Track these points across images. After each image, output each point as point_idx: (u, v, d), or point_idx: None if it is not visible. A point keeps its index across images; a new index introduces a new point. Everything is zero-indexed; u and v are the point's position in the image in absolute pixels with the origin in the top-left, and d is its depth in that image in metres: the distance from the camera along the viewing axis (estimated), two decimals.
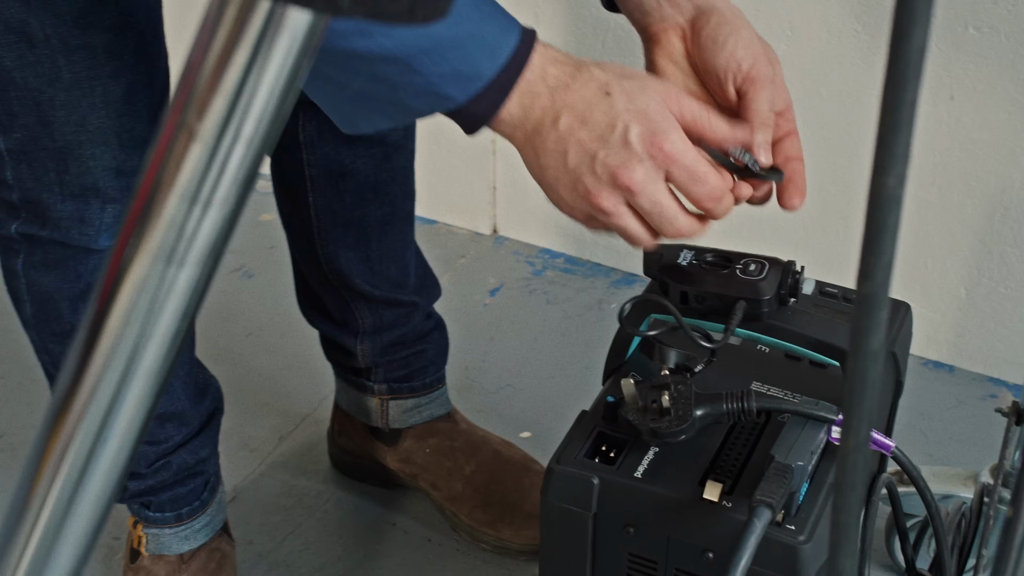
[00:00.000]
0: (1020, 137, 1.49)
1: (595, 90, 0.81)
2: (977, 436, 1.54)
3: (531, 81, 0.80)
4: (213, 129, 0.35)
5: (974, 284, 1.61)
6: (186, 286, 0.38)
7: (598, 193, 0.81)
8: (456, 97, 0.79)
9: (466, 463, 1.40)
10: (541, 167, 0.83)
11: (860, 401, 0.48)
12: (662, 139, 0.80)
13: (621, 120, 0.80)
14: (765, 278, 0.88)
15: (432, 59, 0.76)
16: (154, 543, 1.28)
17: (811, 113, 1.61)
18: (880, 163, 0.43)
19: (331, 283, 1.31)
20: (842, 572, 0.53)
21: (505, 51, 0.79)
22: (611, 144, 0.80)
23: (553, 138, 0.81)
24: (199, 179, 0.36)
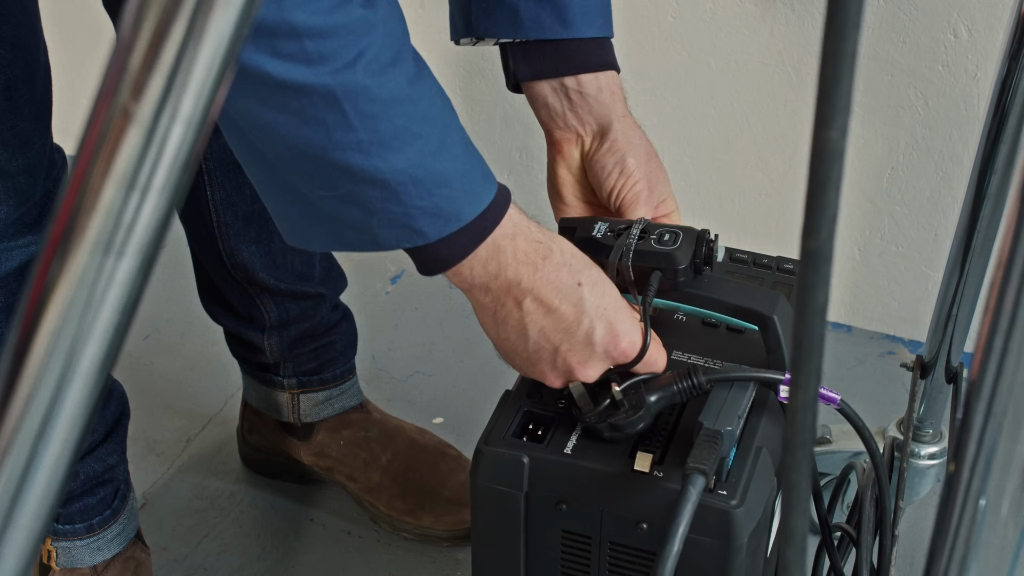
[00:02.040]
0: (903, 98, 1.52)
1: (566, 277, 0.82)
2: (879, 393, 1.57)
3: (501, 246, 0.80)
4: (150, 109, 0.33)
5: (867, 244, 1.64)
6: (126, 278, 0.36)
7: (551, 376, 0.85)
8: (428, 234, 0.78)
9: (382, 453, 1.38)
10: (499, 336, 0.85)
11: (808, 358, 0.48)
12: (619, 339, 0.83)
13: (588, 318, 0.82)
14: (679, 247, 0.87)
15: (418, 190, 0.76)
16: (65, 556, 1.24)
17: (701, 84, 1.62)
18: (821, 116, 0.42)
19: (234, 278, 1.28)
20: (794, 531, 0.53)
21: (486, 198, 0.79)
22: (575, 339, 0.83)
23: (516, 317, 0.83)
24: (136, 163, 0.34)
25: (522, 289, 0.81)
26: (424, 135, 0.75)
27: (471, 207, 0.78)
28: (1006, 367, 0.49)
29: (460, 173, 0.78)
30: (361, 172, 0.74)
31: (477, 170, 0.79)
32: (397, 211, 0.76)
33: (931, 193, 1.57)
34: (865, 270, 1.66)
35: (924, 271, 1.62)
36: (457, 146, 0.78)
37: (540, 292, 0.82)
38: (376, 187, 0.75)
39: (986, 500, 0.52)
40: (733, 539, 0.81)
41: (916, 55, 1.49)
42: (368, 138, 0.73)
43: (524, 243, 0.81)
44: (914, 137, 1.54)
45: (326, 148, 0.73)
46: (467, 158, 0.79)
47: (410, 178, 0.75)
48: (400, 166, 0.75)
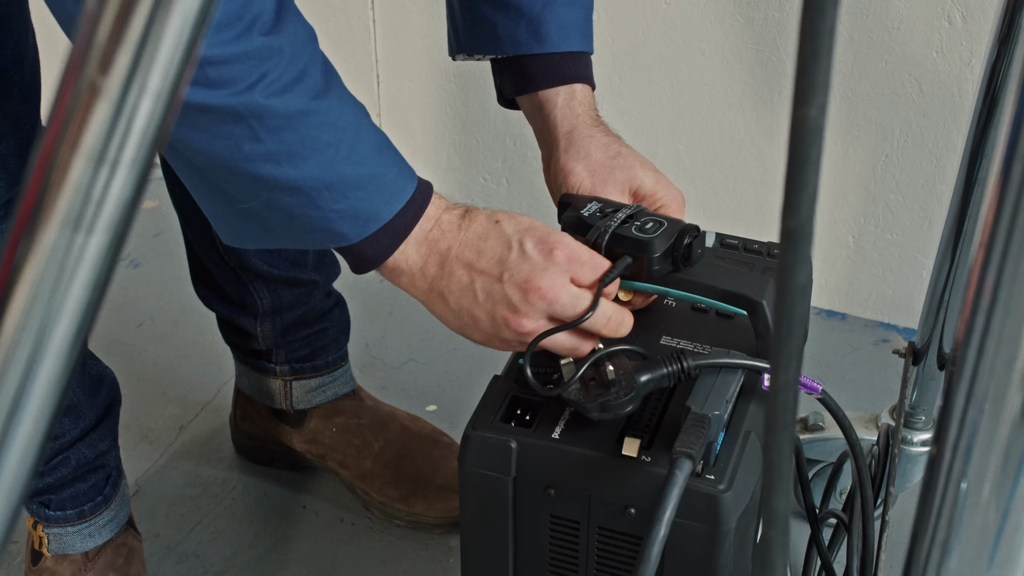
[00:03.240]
0: (898, 85, 1.52)
1: (483, 221, 0.84)
2: (873, 380, 1.57)
3: (427, 229, 0.83)
4: (118, 83, 0.33)
5: (861, 232, 1.64)
6: (97, 254, 0.35)
7: (516, 316, 0.83)
8: (349, 236, 0.81)
9: (374, 440, 1.38)
10: (452, 311, 0.85)
11: (788, 338, 0.48)
12: (555, 243, 0.83)
13: (514, 239, 0.83)
14: (657, 236, 0.87)
15: (333, 195, 0.79)
16: (56, 543, 1.24)
17: (695, 71, 1.62)
18: (800, 94, 0.42)
19: (227, 264, 1.28)
20: (776, 512, 0.53)
21: (403, 197, 0.82)
22: (511, 263, 0.83)
23: (456, 277, 0.83)
24: (105, 138, 0.34)
25: (451, 251, 0.84)
26: (334, 143, 0.78)
27: (388, 206, 0.81)
28: (987, 350, 0.49)
29: (373, 176, 0.80)
30: (274, 181, 0.77)
31: (392, 171, 0.82)
32: (315, 215, 0.79)
33: (925, 180, 1.57)
34: (859, 258, 1.66)
35: (919, 258, 1.62)
36: (369, 150, 0.81)
37: (466, 245, 0.84)
38: (291, 194, 0.78)
39: (968, 483, 0.52)
40: (721, 523, 0.81)
41: (910, 42, 1.49)
42: (277, 149, 0.76)
43: (447, 216, 0.84)
44: (908, 124, 1.54)
45: (238, 160, 0.77)
46: (381, 160, 0.81)
47: (323, 184, 0.78)
48: (312, 173, 0.78)
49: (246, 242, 0.86)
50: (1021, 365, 0.48)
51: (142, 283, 1.76)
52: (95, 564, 1.24)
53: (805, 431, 1.31)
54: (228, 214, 0.83)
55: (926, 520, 0.54)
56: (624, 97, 1.67)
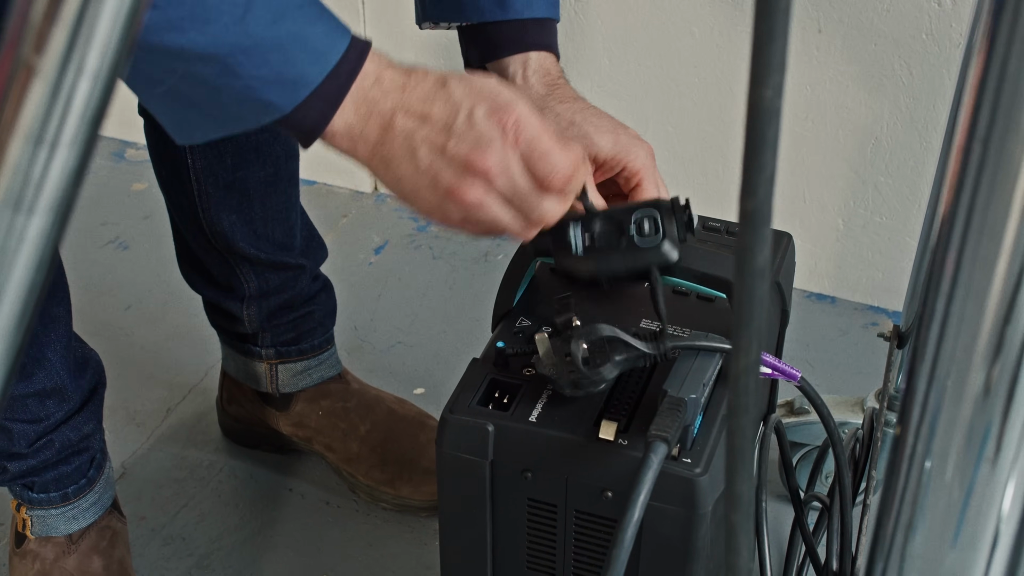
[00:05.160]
0: (887, 67, 1.51)
1: (431, 84, 0.78)
2: (861, 364, 1.57)
3: (365, 88, 0.76)
4: (54, 63, 0.32)
5: (851, 215, 1.63)
6: (38, 235, 0.35)
7: (459, 186, 0.77)
8: (280, 104, 0.74)
9: (360, 423, 1.38)
10: (396, 178, 0.79)
11: (749, 321, 0.47)
12: (507, 113, 0.77)
13: (464, 105, 0.77)
14: (664, 235, 0.86)
15: (251, 60, 0.72)
16: (40, 525, 1.24)
17: (685, 53, 1.61)
18: (756, 74, 0.42)
19: (214, 247, 1.28)
20: (740, 497, 0.53)
21: (333, 56, 0.75)
22: (456, 131, 0.77)
23: (399, 143, 0.77)
24: (43, 118, 0.33)
25: (394, 113, 0.77)
26: (241, 2, 0.71)
27: (316, 67, 0.74)
28: (947, 331, 0.48)
29: (295, 35, 0.73)
30: (183, 50, 0.71)
31: (318, 27, 0.75)
32: (238, 85, 0.73)
33: (915, 163, 1.56)
34: (849, 241, 1.65)
35: (908, 242, 1.61)
36: (287, 7, 0.73)
37: (410, 107, 0.77)
38: (206, 63, 0.72)
39: (931, 462, 0.51)
40: (697, 507, 0.81)
41: (900, 24, 1.48)
42: (177, 14, 0.70)
43: (389, 73, 0.78)
44: (898, 107, 1.53)
45: (142, 32, 0.71)
46: (303, 17, 0.74)
47: (236, 48, 0.71)
48: (221, 37, 0.71)
49: (194, 134, 0.79)
50: (982, 345, 0.48)
51: (130, 266, 1.76)
52: (79, 546, 1.24)
53: (790, 415, 1.31)
54: (164, 104, 0.77)
55: (890, 500, 0.54)
56: (613, 79, 1.66)
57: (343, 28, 0.77)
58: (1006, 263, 0.46)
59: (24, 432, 1.17)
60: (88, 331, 1.30)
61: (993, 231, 0.46)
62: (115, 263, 1.77)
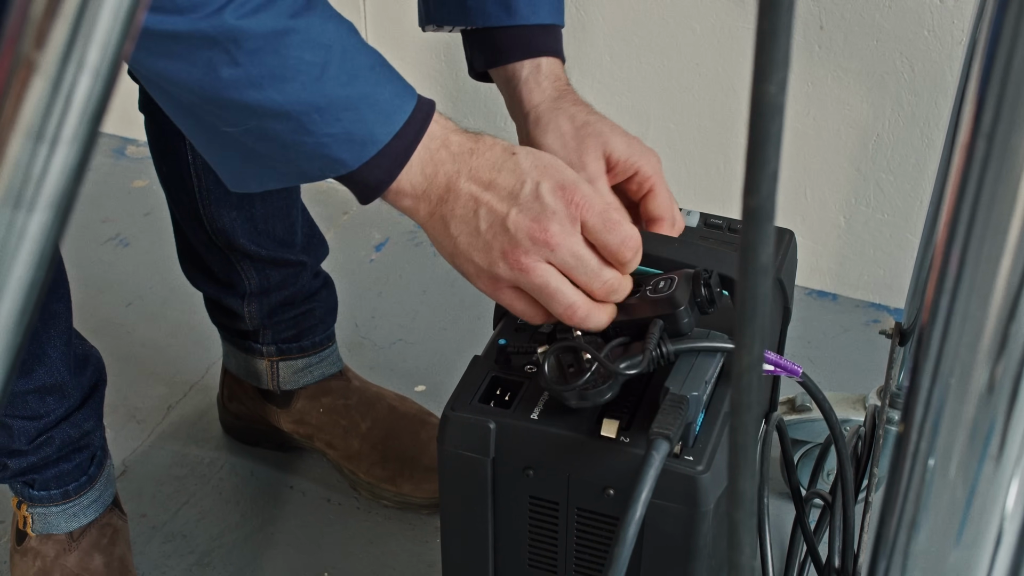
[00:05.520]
0: (889, 64, 1.51)
1: (500, 152, 0.80)
2: (863, 361, 1.57)
3: (432, 150, 0.79)
4: (54, 59, 0.32)
5: (852, 212, 1.63)
6: (38, 232, 0.35)
7: (515, 250, 0.79)
8: (348, 161, 0.77)
9: (361, 420, 1.38)
10: (451, 237, 0.81)
11: (752, 318, 0.47)
12: (572, 191, 0.79)
13: (530, 177, 0.79)
14: (675, 290, 0.85)
15: (324, 118, 0.75)
16: (41, 522, 1.24)
17: (686, 49, 1.61)
18: (760, 70, 0.42)
19: (215, 244, 1.28)
20: (742, 494, 0.52)
21: (401, 117, 0.78)
22: (522, 201, 0.79)
23: (461, 204, 0.79)
24: (43, 115, 0.33)
25: (459, 177, 0.79)
26: (319, 62, 0.74)
27: (384, 127, 0.77)
28: (951, 329, 0.48)
29: (365, 95, 0.76)
30: (260, 107, 0.74)
31: (387, 89, 0.77)
32: (309, 141, 0.76)
33: (917, 160, 1.56)
34: (851, 238, 1.65)
35: (910, 239, 1.61)
36: (359, 68, 0.76)
37: (477, 172, 0.79)
38: (280, 120, 0.75)
39: (935, 460, 0.51)
40: (699, 505, 0.80)
41: (902, 20, 1.48)
42: (257, 72, 0.73)
43: (457, 137, 0.80)
44: (900, 103, 1.53)
45: (218, 88, 0.73)
46: (373, 79, 0.77)
47: (311, 106, 0.74)
48: (297, 96, 0.74)
49: (250, 184, 0.82)
50: (986, 342, 0.47)
51: (131, 263, 1.76)
52: (79, 544, 1.24)
53: (792, 412, 1.31)
54: (225, 154, 0.80)
55: (893, 498, 0.54)
56: (614, 76, 1.66)
57: (410, 89, 0.79)
58: (1010, 260, 0.46)
59: (24, 429, 1.17)
60: (89, 328, 1.30)
61: (997, 228, 0.46)
62: (116, 260, 1.77)
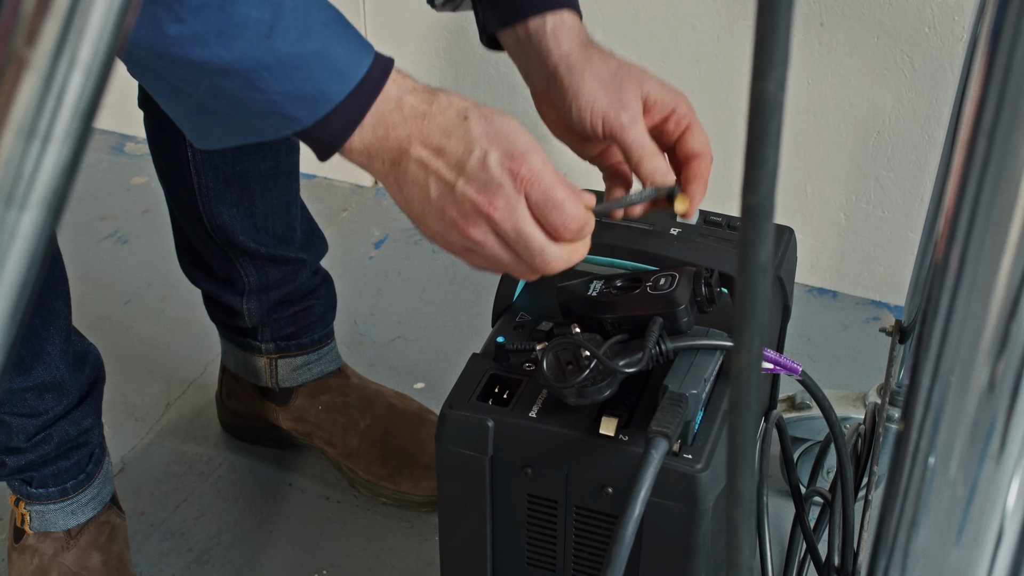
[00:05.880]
0: (889, 61, 1.51)
1: (453, 116, 0.79)
2: (863, 358, 1.57)
3: (385, 111, 0.78)
4: (46, 56, 0.32)
5: (852, 209, 1.63)
6: (30, 230, 0.35)
7: (464, 221, 0.79)
8: (301, 119, 0.76)
9: (360, 418, 1.38)
10: (406, 200, 0.80)
11: (751, 317, 0.47)
12: (520, 162, 0.78)
13: (479, 145, 0.78)
14: (676, 288, 0.85)
15: (274, 76, 0.73)
16: (39, 520, 1.23)
17: (685, 47, 1.60)
18: (759, 67, 0.41)
19: (214, 241, 1.27)
20: (741, 493, 0.52)
21: (355, 75, 0.76)
22: (469, 171, 0.78)
23: (413, 169, 0.79)
24: (35, 112, 0.33)
25: (411, 141, 0.78)
26: (267, 20, 0.72)
27: (338, 85, 0.76)
28: (952, 327, 0.48)
29: (317, 53, 0.74)
30: (207, 64, 0.72)
31: (342, 47, 0.76)
32: (260, 99, 0.74)
33: (917, 157, 1.56)
34: (851, 235, 1.65)
35: (910, 236, 1.61)
36: (312, 25, 0.75)
37: (427, 137, 0.78)
38: (229, 77, 0.73)
39: (935, 459, 0.51)
40: (698, 503, 0.80)
41: (902, 17, 1.48)
42: (202, 29, 0.71)
43: (411, 98, 0.79)
44: (900, 100, 1.53)
45: (165, 45, 0.71)
46: (327, 35, 0.75)
47: (259, 64, 0.73)
48: (245, 53, 0.72)
49: (211, 140, 0.80)
50: (987, 340, 0.47)
51: (129, 260, 1.76)
52: (77, 542, 1.24)
53: (792, 410, 1.31)
54: (185, 110, 0.79)
55: (894, 497, 0.54)
56: None
57: (367, 47, 0.78)
58: (1011, 257, 0.46)
59: (23, 426, 1.17)
60: (87, 325, 1.30)
61: (998, 225, 0.46)
62: (114, 257, 1.76)
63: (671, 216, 0.99)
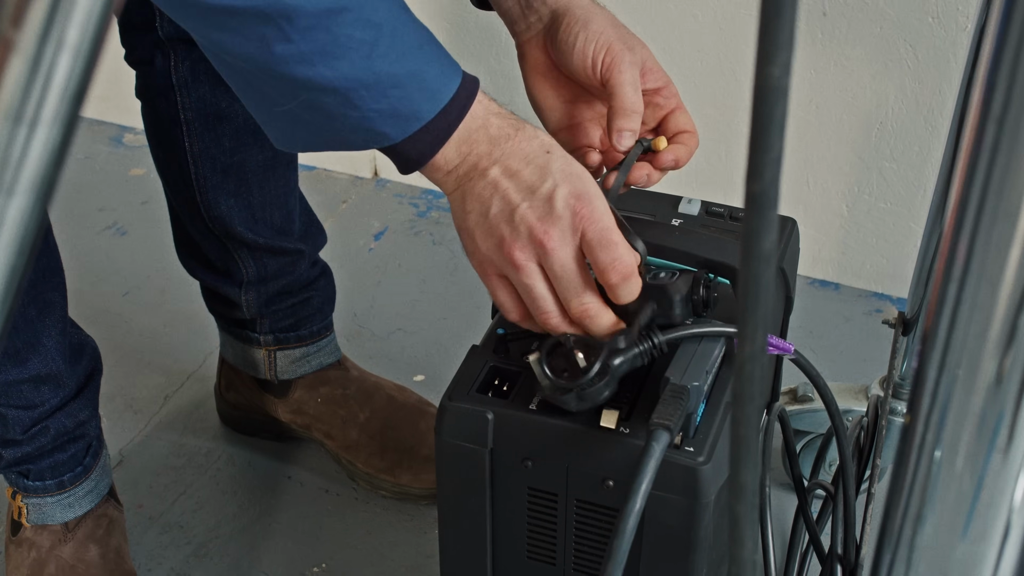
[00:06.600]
0: (892, 51, 1.50)
1: (536, 147, 0.81)
2: (866, 351, 1.56)
3: (472, 130, 0.81)
4: (32, 37, 0.31)
5: (855, 201, 1.62)
6: (18, 217, 0.34)
7: (512, 243, 0.81)
8: (392, 136, 0.79)
9: (360, 410, 1.37)
10: (465, 212, 0.83)
11: (754, 307, 0.46)
12: (585, 203, 0.80)
13: (552, 178, 0.80)
14: (675, 280, 0.84)
15: (371, 95, 0.77)
16: (36, 513, 1.23)
17: (687, 37, 1.59)
18: (763, 52, 0.40)
19: (212, 232, 1.27)
20: (744, 486, 0.51)
21: (446, 95, 0.79)
22: (535, 198, 0.80)
23: (482, 184, 0.81)
24: (21, 95, 0.32)
25: (491, 159, 0.81)
26: (369, 40, 0.76)
27: (429, 104, 0.79)
28: (959, 318, 0.47)
29: (413, 73, 0.77)
30: (309, 82, 0.75)
31: (434, 67, 0.79)
32: (354, 115, 0.77)
33: (920, 148, 1.55)
34: (853, 227, 1.64)
35: (913, 228, 1.60)
36: (408, 46, 0.78)
37: (507, 160, 0.81)
38: (328, 94, 0.76)
39: (941, 452, 0.50)
40: (700, 496, 0.79)
41: (906, 6, 1.47)
42: (309, 49, 0.74)
43: (497, 121, 0.82)
44: (903, 91, 1.52)
45: (271, 62, 0.75)
46: (421, 57, 0.78)
47: (359, 83, 0.76)
48: (346, 73, 0.75)
49: (295, 145, 0.84)
50: (995, 332, 0.46)
51: (128, 252, 1.75)
52: (75, 535, 1.23)
53: (794, 402, 1.30)
54: (274, 117, 0.82)
55: (899, 491, 0.53)
56: None
57: (455, 67, 0.81)
58: (1020, 248, 0.45)
59: (19, 418, 1.16)
60: (85, 317, 1.29)
61: (1008, 214, 0.45)
62: (113, 249, 1.75)
63: (672, 207, 0.98)
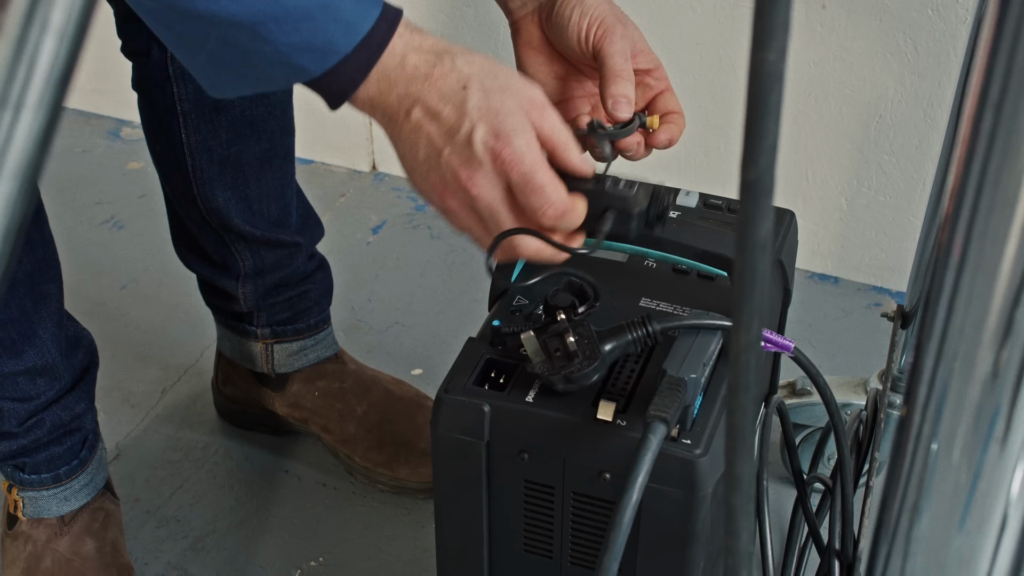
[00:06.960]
0: (892, 44, 1.49)
1: (453, 83, 0.79)
2: (865, 344, 1.56)
3: (389, 67, 0.78)
4: (16, 20, 0.31)
5: (854, 194, 1.62)
6: (3, 203, 0.33)
7: (443, 190, 0.80)
8: (311, 69, 0.77)
9: (357, 404, 1.37)
10: (399, 154, 0.82)
11: (750, 297, 0.46)
12: (504, 143, 0.77)
13: (469, 119, 0.78)
14: (636, 193, 0.84)
15: (281, 28, 0.74)
16: (32, 506, 1.22)
17: (686, 30, 1.59)
18: (759, 36, 0.40)
19: (209, 224, 1.26)
20: (739, 478, 0.51)
21: (363, 27, 0.77)
22: (456, 142, 0.78)
23: (407, 129, 0.79)
24: (6, 79, 0.32)
25: (411, 99, 0.79)
26: None
27: (346, 38, 0.76)
28: (956, 310, 0.47)
29: (325, 5, 0.75)
30: (216, 16, 0.73)
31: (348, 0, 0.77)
32: (268, 50, 0.75)
33: (920, 141, 1.55)
34: (852, 220, 1.64)
35: (912, 221, 1.60)
36: None
37: (426, 99, 0.79)
38: (237, 29, 0.74)
39: (938, 444, 0.50)
40: (697, 489, 0.79)
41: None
42: None
43: (415, 57, 0.79)
44: (903, 84, 1.51)
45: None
46: None
47: (267, 16, 0.74)
48: (252, 6, 0.73)
49: (225, 90, 0.82)
50: (991, 324, 0.46)
51: (125, 245, 1.74)
52: (71, 528, 1.23)
53: (793, 396, 1.29)
54: (197, 61, 0.80)
55: (896, 483, 0.53)
56: None
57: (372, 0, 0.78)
58: (1017, 240, 0.45)
59: (14, 411, 1.16)
60: (82, 311, 1.29)
61: (1005, 206, 0.44)
62: (110, 242, 1.75)
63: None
